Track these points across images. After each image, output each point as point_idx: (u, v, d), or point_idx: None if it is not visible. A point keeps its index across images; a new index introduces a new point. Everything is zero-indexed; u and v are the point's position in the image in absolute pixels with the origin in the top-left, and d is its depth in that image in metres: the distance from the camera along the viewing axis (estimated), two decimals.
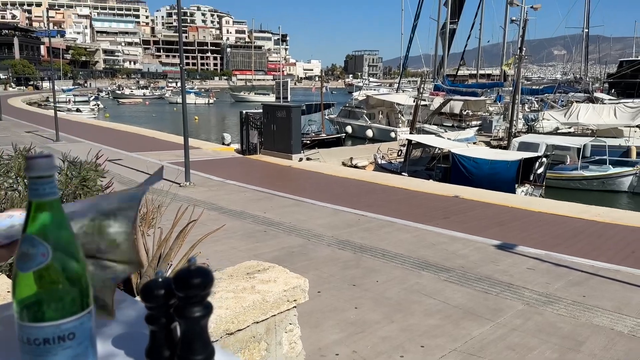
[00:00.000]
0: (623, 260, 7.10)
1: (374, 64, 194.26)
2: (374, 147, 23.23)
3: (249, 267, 3.60)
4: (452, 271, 6.66)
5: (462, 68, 50.34)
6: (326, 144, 26.02)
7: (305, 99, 42.75)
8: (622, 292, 5.97)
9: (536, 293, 5.90)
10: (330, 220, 9.35)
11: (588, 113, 24.43)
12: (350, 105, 37.97)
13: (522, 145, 19.88)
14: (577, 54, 52.86)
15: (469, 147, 18.70)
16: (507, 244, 7.85)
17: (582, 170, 19.03)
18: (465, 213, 10.10)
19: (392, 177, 15.02)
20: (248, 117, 18.00)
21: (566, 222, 9.32)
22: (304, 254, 7.36)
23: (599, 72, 66.42)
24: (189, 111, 61.34)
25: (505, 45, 44.82)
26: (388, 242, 7.96)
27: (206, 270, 0.76)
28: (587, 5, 49.49)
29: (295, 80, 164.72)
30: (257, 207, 10.28)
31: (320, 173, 14.82)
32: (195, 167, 14.39)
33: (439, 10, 42.17)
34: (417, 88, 29.47)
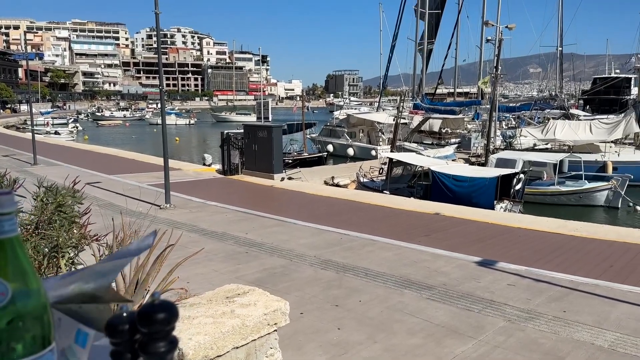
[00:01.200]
0: (601, 275, 7.20)
1: (354, 84, 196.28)
2: (356, 166, 23.34)
3: (229, 291, 3.56)
4: (434, 289, 6.67)
5: (441, 87, 51.04)
6: (308, 163, 26.06)
7: (286, 118, 42.95)
8: (601, 306, 6.04)
9: (517, 309, 5.93)
10: (312, 240, 9.32)
11: (564, 129, 24.95)
12: (331, 124, 38.21)
13: (499, 162, 20.18)
14: (552, 71, 54.16)
15: (448, 165, 18.91)
16: (488, 261, 7.91)
17: (559, 186, 19.34)
18: (446, 230, 10.16)
19: (374, 195, 15.08)
20: (229, 137, 17.97)
21: (545, 238, 9.44)
22: (287, 274, 7.31)
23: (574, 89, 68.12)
24: (170, 132, 60.90)
25: (481, 64, 45.74)
26: (370, 261, 7.96)
27: (170, 305, 0.75)
28: (560, 25, 50.95)
29: (276, 100, 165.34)
30: (238, 228, 10.21)
31: (303, 192, 14.81)
32: (176, 188, 14.28)
33: (416, 30, 42.99)
34: (397, 107, 29.81)
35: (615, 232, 10.00)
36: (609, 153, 22.88)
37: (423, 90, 44.41)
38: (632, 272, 7.29)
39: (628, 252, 8.32)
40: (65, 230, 4.51)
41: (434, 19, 43.62)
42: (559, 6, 50.14)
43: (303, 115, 31.57)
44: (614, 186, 18.76)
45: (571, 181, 19.80)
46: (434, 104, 40.21)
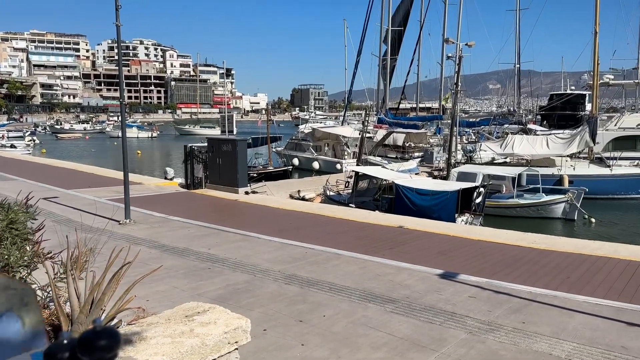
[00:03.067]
0: (559, 286, 7.40)
1: (319, 97, 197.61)
2: (321, 179, 23.40)
3: (188, 309, 3.48)
4: (398, 302, 6.71)
5: (404, 101, 51.93)
6: (273, 176, 25.95)
7: (252, 132, 42.77)
8: (559, 317, 6.20)
9: (478, 321, 6.02)
10: (277, 254, 9.24)
11: (522, 144, 25.72)
12: (296, 138, 38.27)
13: (461, 176, 20.60)
14: (510, 87, 55.94)
15: (412, 178, 19.16)
16: (449, 273, 8.02)
17: (518, 199, 19.88)
18: (409, 243, 10.27)
19: (339, 208, 15.13)
20: (193, 150, 17.75)
21: (504, 250, 9.66)
22: (250, 290, 7.21)
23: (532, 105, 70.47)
24: (131, 145, 59.67)
25: (442, 80, 46.85)
26: (335, 275, 7.94)
27: (112, 331, 0.72)
28: (518, 43, 52.80)
29: (241, 113, 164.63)
30: (201, 243, 10.04)
31: (268, 206, 14.72)
32: (137, 203, 13.96)
33: (379, 46, 43.70)
34: (362, 121, 30.17)
35: (571, 244, 10.32)
36: (565, 167, 23.71)
37: (387, 105, 45.06)
38: (588, 283, 7.52)
39: (584, 264, 8.59)
40: (17, 249, 4.32)
41: (396, 35, 44.47)
42: (517, 25, 52.05)
43: (268, 129, 31.52)
44: (571, 199, 19.41)
45: (529, 194, 20.38)
46: (397, 119, 40.82)
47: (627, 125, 27.02)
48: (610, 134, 26.71)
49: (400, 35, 44.81)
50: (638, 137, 26.43)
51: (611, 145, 26.28)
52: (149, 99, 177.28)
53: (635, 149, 25.86)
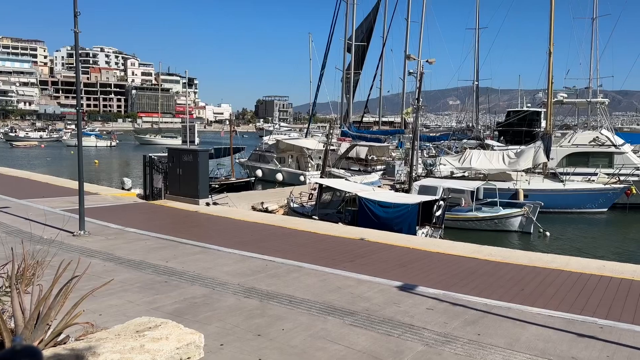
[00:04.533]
0: (513, 298, 7.58)
1: (284, 109, 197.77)
2: (284, 191, 23.34)
3: (140, 325, 3.38)
4: (357, 315, 6.71)
5: (367, 115, 52.64)
6: (236, 188, 25.73)
7: (214, 142, 42.36)
8: (513, 328, 6.34)
9: (435, 333, 6.09)
10: (237, 267, 9.12)
11: (480, 159, 26.42)
12: (260, 149, 38.13)
13: (422, 189, 20.95)
14: (469, 104, 57.53)
15: (374, 191, 19.34)
16: (408, 285, 8.10)
17: (477, 212, 20.35)
18: (370, 255, 10.32)
19: (302, 221, 15.10)
20: (152, 160, 17.40)
21: (462, 262, 9.83)
22: (208, 304, 7.07)
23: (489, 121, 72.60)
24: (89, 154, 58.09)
25: (404, 95, 47.77)
26: (295, 288, 7.89)
27: (34, 350, 0.68)
28: (476, 60, 54.48)
29: (204, 123, 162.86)
30: (158, 256, 9.81)
31: (229, 218, 14.54)
32: (92, 214, 13.55)
33: (343, 61, 44.30)
34: (327, 134, 30.37)
35: (526, 256, 10.61)
36: (520, 181, 24.47)
37: (350, 118, 45.55)
38: (541, 295, 7.73)
39: (538, 276, 8.84)
40: None
41: (360, 50, 45.16)
42: (476, 43, 53.71)
43: (231, 140, 31.29)
44: (527, 212, 20.00)
45: (487, 207, 20.90)
46: (360, 132, 41.32)
47: (580, 142, 28.14)
48: (563, 150, 27.75)
49: (363, 50, 45.54)
50: (590, 154, 27.56)
51: (565, 161, 27.32)
52: (109, 107, 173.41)
53: (588, 165, 26.94)
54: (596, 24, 47.42)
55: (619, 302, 7.41)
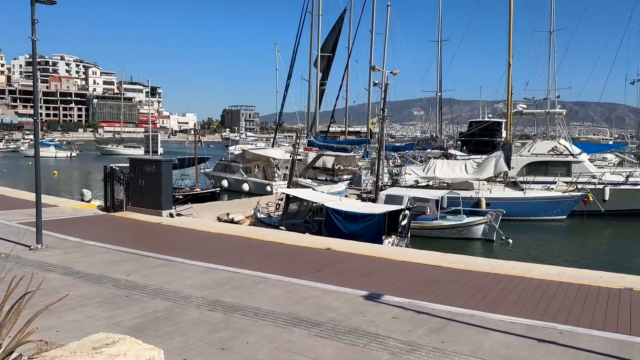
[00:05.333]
0: (476, 305, 7.70)
1: (251, 119, 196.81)
2: (251, 201, 23.15)
3: (97, 341, 3.25)
4: (323, 325, 6.68)
5: (333, 125, 52.93)
6: (200, 198, 25.37)
7: (179, 152, 41.77)
8: (476, 335, 6.43)
9: (400, 342, 6.11)
10: (201, 279, 8.96)
11: (443, 168, 26.90)
12: (226, 159, 37.78)
13: (388, 198, 21.15)
14: (433, 114, 58.64)
15: (341, 201, 19.40)
16: (374, 294, 8.12)
17: (441, 220, 20.67)
18: (336, 265, 10.32)
19: (268, 231, 14.99)
20: (113, 171, 17.00)
21: (426, 270, 9.95)
22: (170, 318, 6.91)
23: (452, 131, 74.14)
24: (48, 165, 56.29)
25: (370, 105, 48.33)
26: (261, 300, 7.80)
27: None
28: (439, 72, 55.66)
29: (169, 133, 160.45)
30: (119, 269, 9.54)
31: (193, 229, 14.31)
32: (50, 227, 13.09)
33: (309, 71, 44.45)
34: (293, 144, 30.36)
35: (488, 264, 10.82)
36: (482, 190, 25.02)
37: (317, 128, 45.72)
38: (503, 302, 7.88)
39: (500, 283, 9.01)
40: None
41: (326, 61, 45.49)
42: (438, 55, 54.90)
43: (196, 149, 30.89)
44: (489, 220, 20.44)
45: (451, 216, 21.26)
46: (327, 142, 41.48)
47: (539, 152, 29.03)
48: (523, 160, 28.57)
49: (329, 61, 45.88)
50: (549, 163, 28.46)
51: (524, 170, 28.11)
52: (69, 117, 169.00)
53: (547, 173, 27.80)
54: (553, 37, 49.21)
55: (577, 308, 7.62)
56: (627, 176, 27.15)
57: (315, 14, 43.45)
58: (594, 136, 66.56)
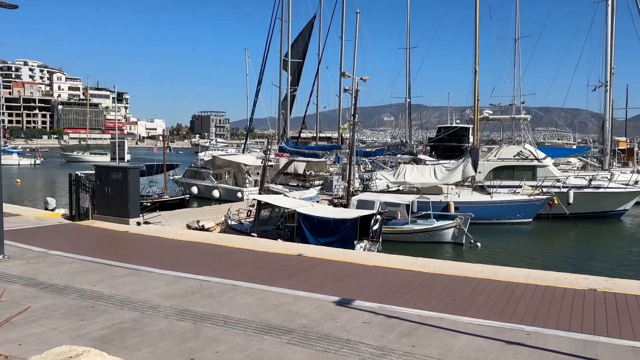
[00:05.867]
0: (446, 308, 7.79)
1: (221, 125, 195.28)
2: (221, 208, 22.90)
3: (59, 354, 3.15)
4: (294, 332, 6.64)
5: (305, 131, 53.00)
6: (169, 206, 24.96)
7: (147, 159, 41.07)
8: (446, 338, 6.49)
9: (371, 347, 6.13)
10: (169, 288, 8.80)
11: (413, 173, 27.20)
12: (195, 165, 37.33)
13: (360, 203, 21.26)
14: (402, 120, 59.32)
15: (313, 206, 19.39)
16: (345, 300, 8.13)
17: (412, 225, 20.88)
18: (308, 271, 10.30)
19: (240, 238, 14.86)
20: (79, 179, 16.59)
21: (397, 274, 10.02)
22: (138, 329, 6.76)
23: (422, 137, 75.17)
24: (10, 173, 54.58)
25: (340, 111, 48.61)
26: (231, 308, 7.71)
27: None
28: (408, 78, 56.40)
29: (137, 139, 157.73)
30: (85, 279, 9.29)
31: (162, 238, 14.06)
32: (12, 236, 12.69)
33: (280, 77, 44.47)
34: (265, 150, 30.23)
35: (457, 267, 10.97)
36: (451, 194, 25.40)
37: (288, 134, 45.67)
38: (472, 305, 8.00)
39: (468, 286, 9.15)
40: None
41: (296, 67, 45.57)
42: (407, 62, 55.65)
43: (164, 156, 30.42)
44: (459, 224, 20.74)
45: (422, 220, 21.49)
46: (298, 147, 41.48)
47: (505, 156, 29.67)
48: (490, 164, 29.14)
49: (299, 67, 45.98)
50: (515, 167, 29.11)
51: (491, 175, 28.67)
52: (33, 123, 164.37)
53: (513, 177, 28.41)
54: (518, 44, 50.51)
55: (543, 309, 7.79)
56: (590, 180, 28.01)
57: (284, 19, 43.54)
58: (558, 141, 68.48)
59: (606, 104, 35.68)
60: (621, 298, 8.36)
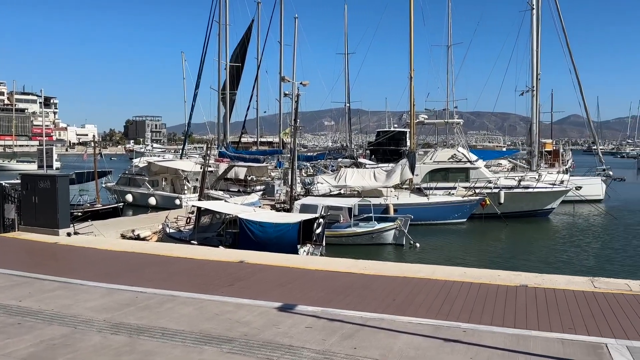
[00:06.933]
0: (386, 309, 7.91)
1: (157, 130, 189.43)
2: (159, 216, 22.19)
3: None
4: (235, 341, 6.51)
5: (245, 136, 52.46)
6: (102, 215, 23.91)
7: (78, 166, 39.25)
8: (387, 339, 6.59)
9: (314, 351, 6.11)
10: (103, 301, 8.40)
11: (354, 176, 27.60)
12: (130, 172, 36.02)
13: (303, 208, 21.27)
14: (342, 124, 60.15)
15: (255, 212, 19.18)
16: (288, 305, 8.08)
17: (354, 228, 21.15)
18: (250, 278, 10.16)
19: (178, 246, 14.45)
20: (3, 188, 15.58)
21: (339, 277, 10.08)
22: (69, 345, 6.40)
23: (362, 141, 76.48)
24: None
25: (281, 116, 48.55)
26: (169, 319, 7.46)
27: None
28: (347, 83, 57.27)
29: (67, 146, 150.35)
30: (10, 295, 8.70)
31: (94, 248, 13.42)
32: None
33: (218, 81, 43.68)
34: (204, 155, 29.58)
35: (397, 268, 11.19)
36: (390, 197, 25.97)
37: (228, 139, 45.01)
38: (411, 304, 8.17)
39: (407, 286, 9.34)
40: None
41: (235, 71, 45.03)
42: (345, 67, 56.50)
43: (95, 163, 29.11)
44: (399, 226, 21.21)
45: (363, 223, 21.81)
46: (239, 152, 40.96)
47: (440, 159, 30.69)
48: (426, 167, 30.05)
49: (238, 71, 45.48)
50: (450, 169, 30.17)
51: (428, 177, 29.58)
52: None
53: (448, 180, 29.44)
54: (451, 51, 52.52)
55: (479, 306, 8.08)
56: (519, 180, 29.49)
57: (222, 23, 42.95)
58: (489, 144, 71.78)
59: (533, 108, 37.71)
60: (550, 293, 8.82)
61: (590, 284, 9.39)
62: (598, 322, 7.23)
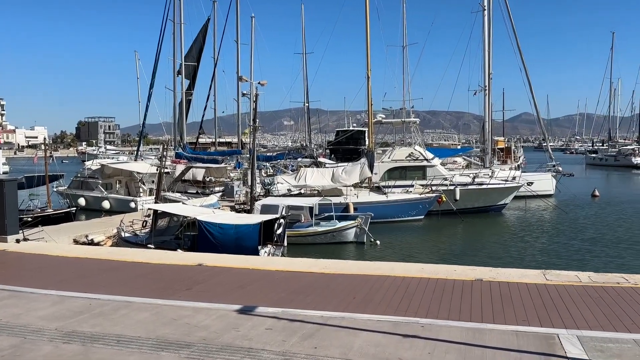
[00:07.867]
0: (346, 307, 7.95)
1: (110, 131, 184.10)
2: (113, 220, 21.56)
3: None
4: (194, 346, 6.39)
5: (203, 136, 51.65)
6: (53, 220, 23.01)
7: (27, 170, 37.71)
8: (347, 337, 6.62)
9: (274, 353, 6.07)
10: (54, 309, 8.08)
11: (313, 176, 27.65)
12: (82, 175, 34.86)
13: (264, 208, 21.14)
14: (302, 124, 60.16)
15: (215, 213, 18.91)
16: (248, 307, 8.00)
17: (316, 227, 21.19)
18: (208, 281, 10.00)
19: (134, 251, 14.07)
20: None
21: (300, 277, 10.07)
22: (18, 355, 6.13)
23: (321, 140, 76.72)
24: None
25: (240, 116, 48.06)
26: (124, 326, 7.25)
27: None
28: (305, 83, 57.37)
29: (15, 149, 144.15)
30: None
31: (45, 255, 12.91)
32: None
33: (173, 80, 42.82)
34: (160, 157, 28.94)
35: (357, 266, 11.28)
36: (350, 195, 26.16)
37: (185, 140, 44.20)
38: (370, 302, 8.24)
39: (367, 283, 9.42)
40: None
41: (191, 70, 44.26)
42: (303, 67, 56.53)
43: (46, 166, 28.01)
44: (360, 224, 21.40)
45: (325, 222, 21.88)
46: (196, 153, 40.31)
47: (398, 158, 31.16)
48: (385, 165, 30.45)
49: (194, 70, 44.72)
50: (407, 168, 30.68)
51: (386, 175, 29.98)
52: None
53: (405, 178, 29.92)
54: (406, 51, 53.48)
55: (436, 301, 8.24)
56: (473, 177, 30.31)
57: (177, 22, 42.13)
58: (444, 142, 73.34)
59: (485, 106, 38.82)
60: (504, 286, 9.08)
61: (543, 277, 9.72)
62: (550, 314, 7.49)
